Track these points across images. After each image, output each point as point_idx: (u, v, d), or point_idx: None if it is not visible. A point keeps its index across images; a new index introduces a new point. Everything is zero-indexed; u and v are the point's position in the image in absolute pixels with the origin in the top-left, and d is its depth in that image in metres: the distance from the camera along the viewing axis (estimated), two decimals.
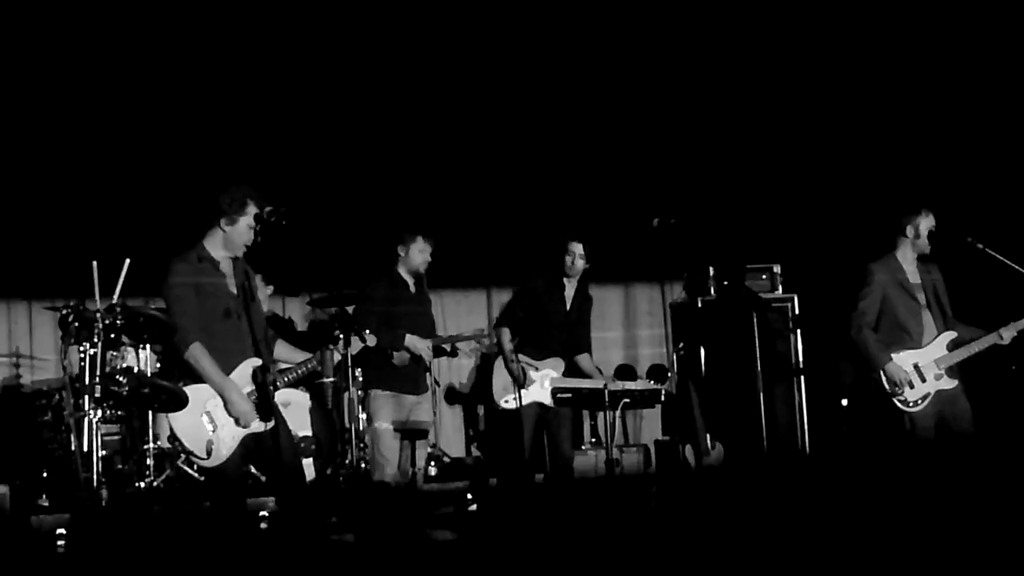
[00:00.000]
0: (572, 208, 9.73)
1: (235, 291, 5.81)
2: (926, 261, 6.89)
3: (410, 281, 7.60)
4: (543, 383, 7.43)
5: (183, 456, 8.05)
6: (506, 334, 7.52)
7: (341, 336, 6.27)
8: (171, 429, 5.66)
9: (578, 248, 7.52)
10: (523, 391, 7.26)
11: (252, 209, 5.74)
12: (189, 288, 5.67)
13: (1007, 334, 6.70)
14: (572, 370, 7.54)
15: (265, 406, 5.70)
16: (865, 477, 7.29)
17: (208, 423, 5.61)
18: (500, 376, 7.49)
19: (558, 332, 7.58)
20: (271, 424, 5.72)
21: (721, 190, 9.88)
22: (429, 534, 7.03)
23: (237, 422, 5.60)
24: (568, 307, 7.63)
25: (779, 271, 9.37)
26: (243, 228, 5.75)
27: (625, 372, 9.77)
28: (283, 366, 6.04)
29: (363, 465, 8.32)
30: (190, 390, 5.65)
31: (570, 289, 7.65)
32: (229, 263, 5.85)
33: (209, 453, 5.54)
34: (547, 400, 7.39)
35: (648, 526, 6.46)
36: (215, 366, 5.61)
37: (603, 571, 5.85)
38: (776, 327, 8.98)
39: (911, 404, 6.64)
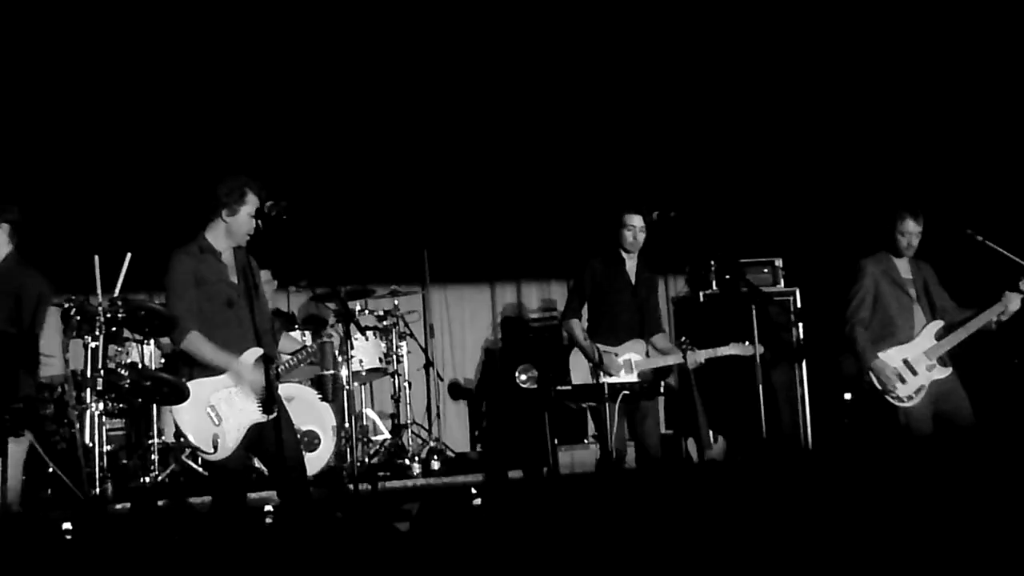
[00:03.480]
0: (572, 202, 9.61)
1: (237, 281, 5.73)
2: (917, 261, 6.87)
3: None
4: (627, 369, 6.88)
5: (187, 451, 8.12)
6: (576, 325, 6.98)
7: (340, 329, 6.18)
8: (176, 425, 5.65)
9: (637, 220, 6.91)
10: (608, 379, 6.73)
11: (252, 199, 5.68)
12: (189, 279, 5.60)
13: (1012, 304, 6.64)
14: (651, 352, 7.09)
15: (269, 398, 5.61)
16: (863, 471, 7.12)
17: (213, 417, 5.52)
18: (578, 370, 6.96)
19: (628, 312, 6.98)
20: (274, 415, 5.63)
21: (724, 185, 9.81)
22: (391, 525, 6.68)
23: (258, 406, 5.55)
24: (634, 282, 7.02)
25: (781, 265, 9.27)
26: (244, 218, 5.67)
27: None
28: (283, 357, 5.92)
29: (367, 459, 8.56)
30: (193, 385, 5.55)
31: (631, 264, 7.04)
32: (231, 253, 5.78)
33: (215, 447, 5.49)
34: (634, 381, 6.82)
35: (649, 519, 6.16)
36: (214, 347, 5.54)
37: (602, 564, 5.54)
38: (778, 320, 8.83)
39: (904, 399, 6.57)
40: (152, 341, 8.29)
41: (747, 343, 6.91)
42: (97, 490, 7.46)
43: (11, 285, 6.10)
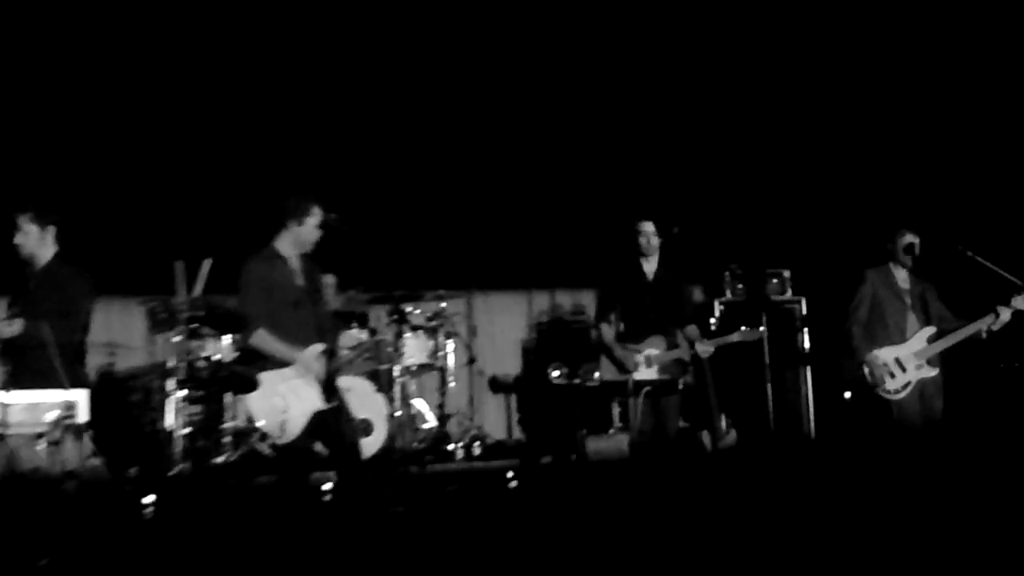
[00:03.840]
0: (597, 217, 9.59)
1: (302, 284, 5.93)
2: (916, 273, 7.17)
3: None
4: (646, 364, 7.12)
5: (256, 435, 7.99)
6: (607, 329, 7.23)
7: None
8: (249, 411, 5.81)
9: (648, 226, 7.18)
10: (633, 375, 6.97)
11: (316, 211, 5.94)
12: (260, 283, 5.85)
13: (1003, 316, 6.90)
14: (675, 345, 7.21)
15: (330, 388, 5.81)
16: (859, 460, 7.36)
17: (281, 405, 5.72)
18: (608, 369, 7.22)
19: (648, 312, 7.20)
20: (335, 404, 5.83)
21: (736, 201, 9.84)
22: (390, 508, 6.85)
23: (319, 392, 5.74)
24: (651, 282, 7.25)
25: (789, 276, 9.40)
26: (309, 228, 5.94)
27: None
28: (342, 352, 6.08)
29: (415, 445, 8.56)
30: (263, 376, 5.79)
31: (649, 267, 7.28)
32: (298, 260, 6.01)
33: (283, 431, 5.68)
34: (655, 377, 7.06)
35: (668, 504, 6.39)
36: (280, 342, 5.75)
37: (624, 539, 5.82)
38: (785, 326, 8.97)
39: (892, 393, 6.88)
40: (226, 337, 8.34)
41: (752, 328, 7.19)
42: (177, 469, 7.74)
43: (58, 283, 6.08)
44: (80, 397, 5.48)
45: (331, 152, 9.24)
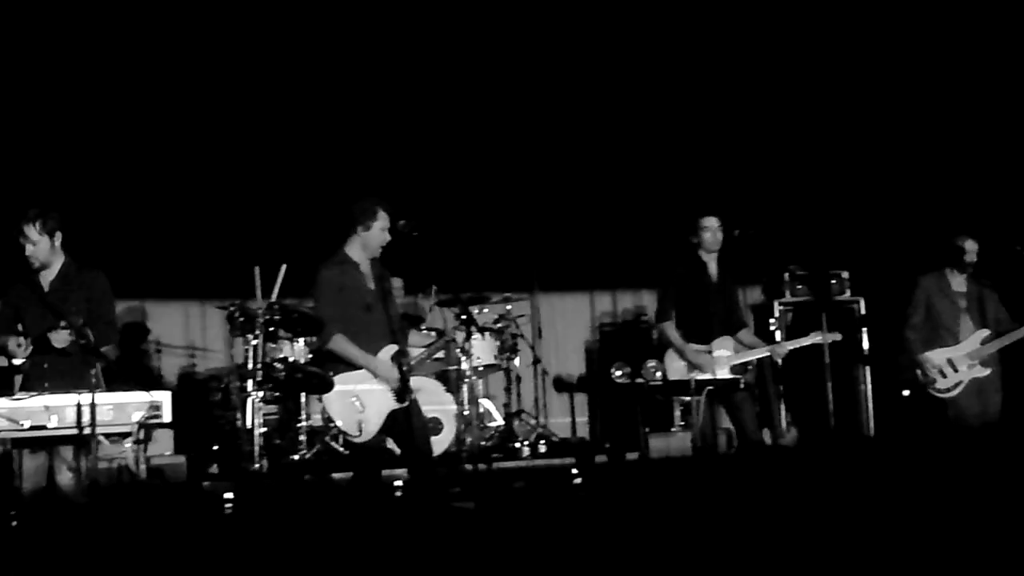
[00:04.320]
0: (658, 220, 9.49)
1: (373, 287, 5.97)
2: (975, 278, 7.15)
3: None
4: (719, 364, 6.79)
5: (330, 433, 8.22)
6: (669, 328, 6.92)
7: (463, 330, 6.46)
8: (327, 411, 5.84)
9: (713, 221, 6.93)
10: (703, 375, 6.72)
11: (382, 215, 5.97)
12: (333, 288, 5.90)
13: None
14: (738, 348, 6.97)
15: (403, 388, 5.85)
16: (917, 457, 7.33)
17: (357, 405, 5.79)
18: (674, 369, 6.92)
19: (715, 311, 6.92)
20: (407, 404, 5.86)
21: (795, 203, 9.79)
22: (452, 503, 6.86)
23: (393, 395, 5.78)
24: (716, 282, 6.98)
25: (847, 277, 9.35)
26: (376, 232, 5.96)
27: None
28: (413, 351, 6.11)
29: (482, 443, 8.55)
30: (340, 378, 5.83)
31: (712, 266, 7.00)
32: (368, 264, 6.05)
33: (359, 430, 5.74)
34: (719, 377, 6.75)
35: (731, 499, 6.32)
36: (356, 347, 5.80)
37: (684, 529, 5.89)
38: (845, 326, 8.72)
39: (943, 392, 6.92)
40: (301, 339, 8.44)
41: (825, 332, 6.96)
42: (256, 466, 7.66)
43: (81, 285, 5.82)
44: (165, 398, 5.45)
45: (401, 159, 9.32)
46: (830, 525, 5.67)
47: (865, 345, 8.99)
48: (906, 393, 8.47)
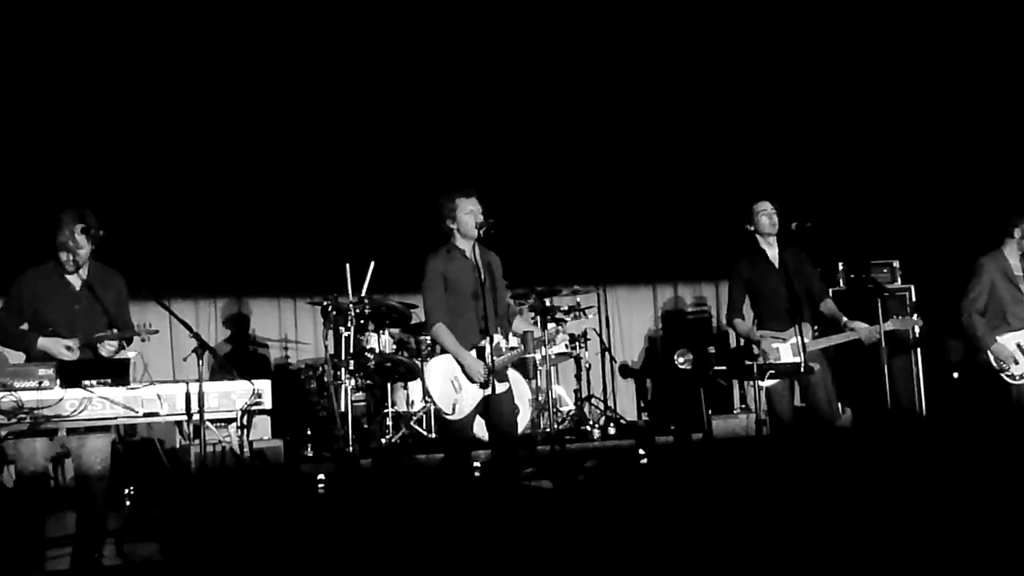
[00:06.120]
0: (716, 216, 8.96)
1: (479, 274, 5.75)
2: None
3: None
4: (794, 351, 6.23)
5: (414, 418, 8.24)
6: (740, 323, 6.49)
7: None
8: (426, 390, 5.77)
9: (765, 205, 6.46)
10: (780, 357, 6.27)
11: (462, 201, 5.77)
12: (438, 277, 5.72)
13: None
14: (820, 319, 6.45)
15: (487, 381, 5.68)
16: (975, 439, 7.02)
17: (455, 386, 5.68)
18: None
19: (783, 295, 6.32)
20: (501, 391, 5.71)
21: (849, 196, 9.59)
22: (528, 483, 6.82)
23: (479, 385, 5.63)
24: (779, 267, 6.42)
25: (898, 265, 9.09)
26: (464, 217, 5.76)
27: None
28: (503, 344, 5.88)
29: (555, 426, 8.42)
30: (443, 359, 5.70)
31: (773, 252, 6.47)
32: (472, 251, 5.83)
33: (454, 410, 5.62)
34: (800, 361, 6.16)
35: (790, 478, 6.13)
36: (454, 340, 5.66)
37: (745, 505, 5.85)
38: (897, 312, 8.38)
39: (1018, 378, 6.35)
40: (386, 330, 8.45)
41: (904, 317, 6.61)
42: (349, 448, 7.77)
43: (109, 287, 5.46)
44: (265, 386, 5.37)
45: (477, 163, 9.17)
46: (889, 499, 5.56)
47: (916, 330, 8.64)
48: (956, 375, 8.24)
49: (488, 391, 5.66)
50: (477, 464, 6.81)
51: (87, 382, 4.97)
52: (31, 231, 5.61)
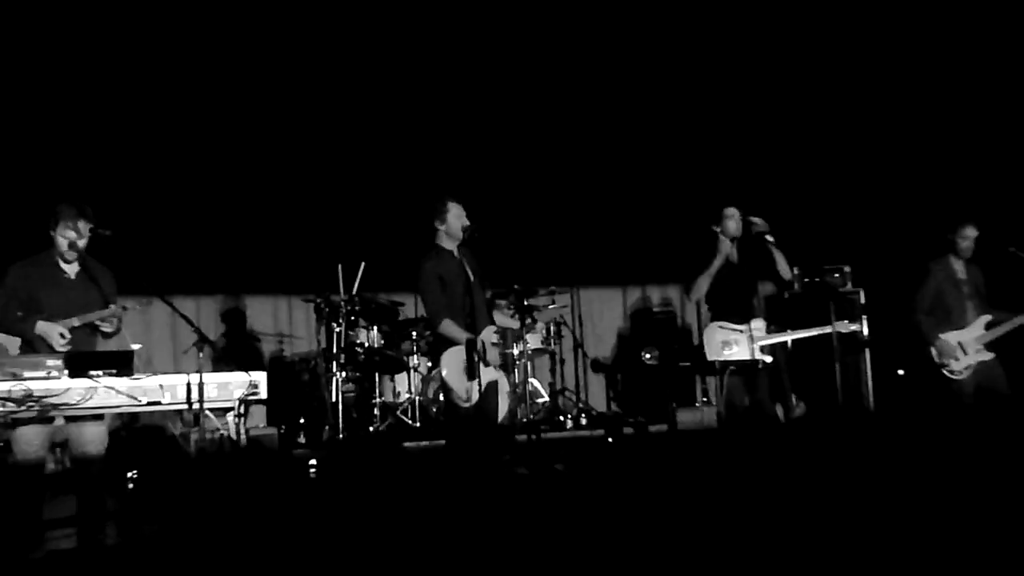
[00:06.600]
0: (676, 221, 9.25)
1: (467, 273, 5.88)
2: (970, 263, 6.88)
3: None
4: (750, 343, 6.43)
5: (400, 408, 8.30)
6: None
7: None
8: (443, 377, 5.72)
9: (733, 211, 6.59)
10: (734, 351, 6.38)
11: (453, 204, 5.87)
12: (434, 277, 5.80)
13: None
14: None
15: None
16: (919, 429, 7.19)
17: (468, 376, 5.71)
18: (712, 346, 6.48)
19: (739, 291, 6.54)
20: (492, 379, 5.77)
21: (804, 204, 9.57)
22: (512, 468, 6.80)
23: (492, 373, 5.74)
24: (737, 264, 6.58)
25: (849, 270, 9.21)
26: (452, 220, 5.87)
27: None
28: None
29: (531, 417, 8.52)
30: (455, 352, 5.70)
31: (734, 253, 6.60)
32: (457, 251, 5.94)
33: (468, 397, 5.66)
34: (757, 357, 6.41)
35: (749, 466, 6.23)
36: (462, 331, 5.73)
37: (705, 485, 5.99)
38: (848, 314, 8.63)
39: (956, 373, 6.65)
40: (375, 327, 8.47)
41: (850, 321, 6.68)
42: (339, 436, 7.88)
43: (102, 276, 5.47)
44: (262, 378, 5.39)
45: (460, 171, 9.17)
46: (839, 487, 5.65)
47: (865, 331, 8.81)
48: (901, 372, 8.45)
49: (492, 378, 5.78)
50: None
51: (94, 372, 5.00)
52: (31, 231, 5.54)
